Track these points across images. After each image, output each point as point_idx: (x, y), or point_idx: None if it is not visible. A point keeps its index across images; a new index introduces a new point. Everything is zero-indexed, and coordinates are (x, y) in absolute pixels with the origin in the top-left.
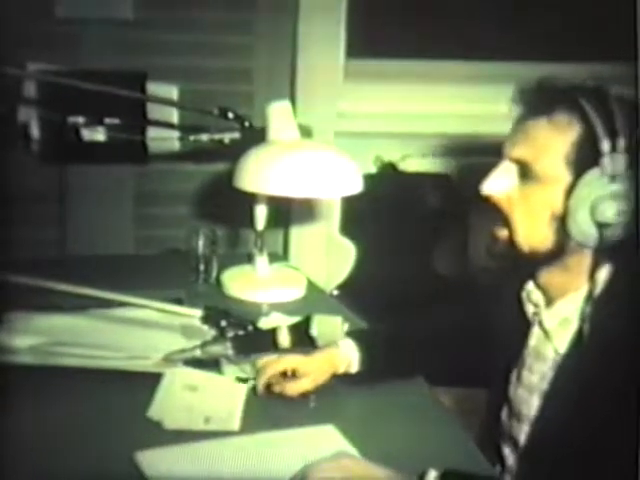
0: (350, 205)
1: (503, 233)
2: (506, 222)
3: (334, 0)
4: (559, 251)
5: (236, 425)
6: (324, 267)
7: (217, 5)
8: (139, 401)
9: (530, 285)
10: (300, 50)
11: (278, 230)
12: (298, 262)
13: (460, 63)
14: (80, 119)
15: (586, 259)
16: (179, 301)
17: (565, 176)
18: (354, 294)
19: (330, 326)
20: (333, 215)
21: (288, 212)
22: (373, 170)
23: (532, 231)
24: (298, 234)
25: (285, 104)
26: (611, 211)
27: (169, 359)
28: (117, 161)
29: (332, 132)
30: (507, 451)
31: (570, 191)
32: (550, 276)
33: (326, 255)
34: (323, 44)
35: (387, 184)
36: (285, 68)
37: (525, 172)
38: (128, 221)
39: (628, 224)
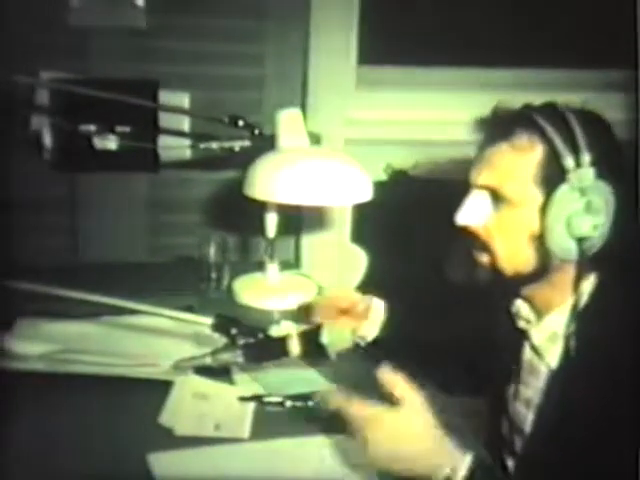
0: (361, 213)
1: (484, 259)
2: (486, 248)
3: (346, 7)
4: (543, 269)
5: (246, 433)
6: (335, 275)
7: (228, 13)
8: (150, 408)
9: (519, 301)
10: (311, 57)
11: (289, 238)
12: (309, 270)
13: (471, 70)
14: (92, 127)
15: (570, 273)
16: (190, 308)
17: (536, 196)
18: None
19: (341, 334)
20: (344, 223)
21: (299, 220)
22: (384, 177)
23: (513, 254)
24: (309, 242)
25: (295, 112)
26: (587, 224)
27: (179, 367)
28: (129, 169)
29: (342, 139)
30: (511, 465)
31: (544, 210)
32: (536, 292)
33: (337, 263)
34: (334, 51)
35: (398, 191)
36: (296, 75)
37: (496, 198)
38: (140, 229)
39: (608, 234)
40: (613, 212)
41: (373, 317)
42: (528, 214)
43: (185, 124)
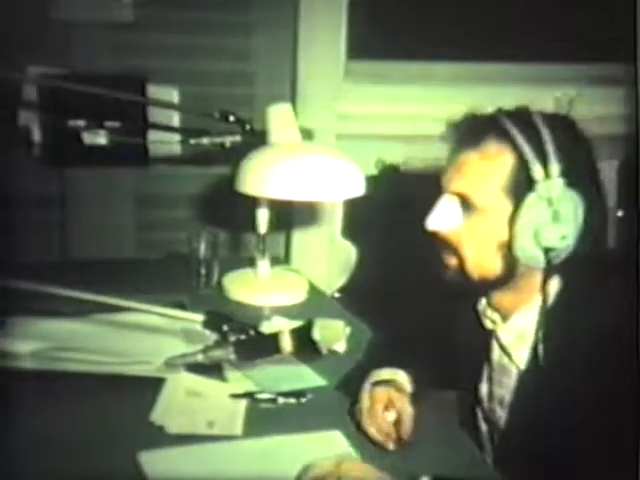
0: (352, 208)
1: (452, 262)
2: (454, 251)
3: (334, 2)
4: (509, 275)
5: (239, 430)
6: (326, 270)
7: (217, 7)
8: (141, 406)
9: (483, 302)
10: (300, 52)
11: (280, 233)
12: (300, 265)
13: (461, 64)
14: (81, 123)
15: (535, 277)
16: (181, 305)
17: (505, 204)
18: (356, 297)
19: (332, 330)
20: (335, 218)
21: (290, 215)
22: (375, 172)
23: (480, 260)
24: (300, 237)
25: (286, 107)
26: (554, 235)
27: (171, 364)
28: (118, 164)
29: (333, 134)
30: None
31: (512, 219)
32: (502, 295)
33: (328, 258)
34: (323, 46)
35: (389, 186)
36: (286, 70)
37: (466, 205)
38: (129, 225)
39: (576, 241)
40: (582, 219)
41: None
42: (496, 222)
43: (175, 119)
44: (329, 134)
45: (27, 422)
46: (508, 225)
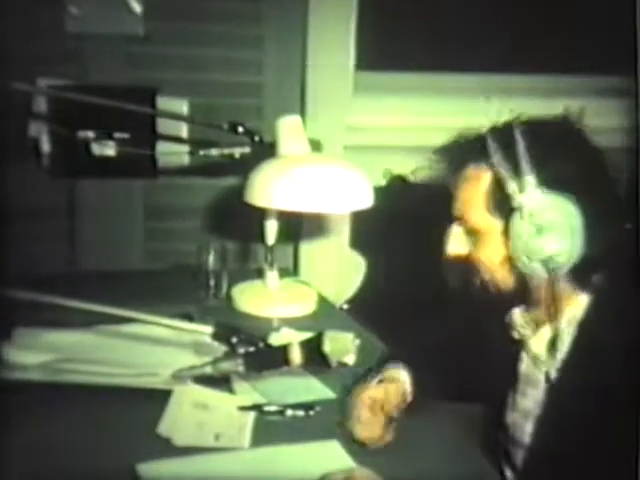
0: (360, 219)
1: (476, 279)
2: (476, 269)
3: (344, 13)
4: (522, 288)
5: (246, 442)
6: (334, 281)
7: (226, 20)
8: (148, 418)
9: (515, 311)
10: (309, 64)
11: (288, 245)
12: (308, 277)
13: (470, 76)
14: (90, 134)
15: (561, 290)
16: (189, 316)
17: (494, 222)
18: (365, 308)
19: (342, 342)
20: (343, 229)
21: (298, 226)
22: (383, 183)
23: (493, 276)
24: (308, 248)
25: (295, 118)
26: (543, 247)
27: (179, 376)
28: (127, 176)
29: (342, 146)
30: (509, 475)
31: (505, 235)
32: (529, 307)
33: (336, 269)
34: (332, 57)
35: (397, 197)
36: (295, 82)
37: (466, 228)
38: (138, 236)
39: (586, 247)
40: (580, 226)
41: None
42: (493, 241)
43: (184, 131)
44: (337, 145)
45: (32, 433)
46: (503, 241)
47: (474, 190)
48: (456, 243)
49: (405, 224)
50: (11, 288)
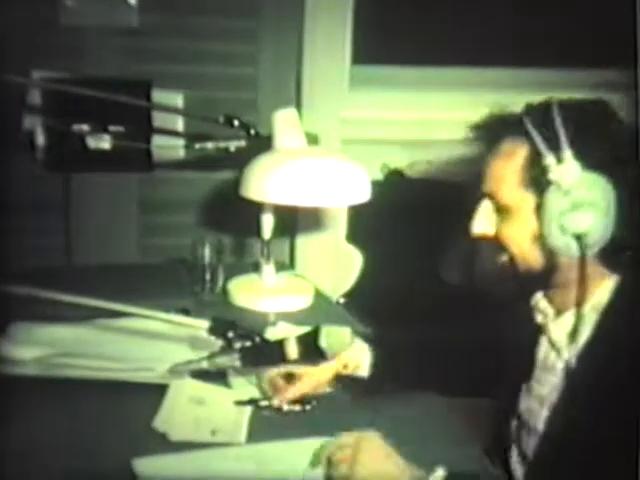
0: (357, 212)
1: (503, 258)
2: (504, 249)
3: (340, 7)
4: (552, 267)
5: (242, 437)
6: (331, 275)
7: (222, 13)
8: (144, 413)
9: (538, 295)
10: (306, 57)
11: (284, 239)
12: (304, 271)
13: (467, 70)
14: (85, 127)
15: (590, 271)
16: (185, 311)
17: (528, 198)
18: (361, 302)
19: (339, 337)
20: (340, 223)
21: (295, 220)
22: (380, 177)
23: (524, 254)
24: (304, 242)
25: (291, 111)
26: (578, 221)
27: (176, 370)
28: (122, 169)
29: (339, 139)
30: (516, 463)
31: (537, 211)
32: (555, 289)
33: (333, 263)
34: (329, 51)
35: (394, 191)
36: (291, 75)
37: (496, 205)
38: (133, 230)
39: (617, 227)
40: (615, 205)
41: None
42: (525, 217)
43: (179, 124)
44: (334, 139)
45: (28, 428)
46: (536, 218)
47: (508, 165)
48: (483, 221)
49: (402, 218)
50: (6, 282)
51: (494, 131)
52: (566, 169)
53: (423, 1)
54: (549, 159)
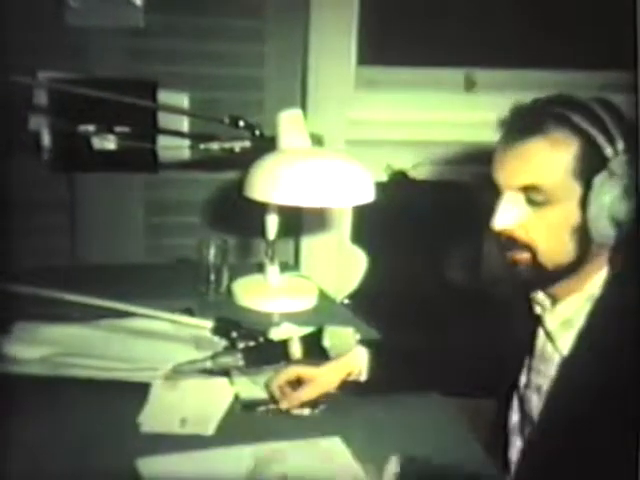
0: (361, 213)
1: (524, 256)
2: (525, 246)
3: (345, 8)
4: (582, 258)
5: (211, 430)
6: (335, 276)
7: (228, 13)
8: None
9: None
10: (311, 58)
11: (289, 239)
12: (309, 271)
13: (471, 70)
14: (91, 128)
15: (595, 262)
16: (189, 311)
17: (576, 189)
18: (365, 303)
19: (342, 337)
20: (344, 224)
21: (299, 221)
22: (384, 178)
23: (555, 249)
24: (309, 243)
25: (296, 112)
26: (624, 209)
27: (179, 370)
28: (127, 170)
29: (343, 140)
30: (515, 454)
31: (584, 201)
32: (563, 280)
33: (337, 264)
34: (334, 52)
35: (398, 192)
36: (296, 76)
37: (534, 197)
38: (138, 230)
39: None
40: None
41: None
42: (568, 208)
43: (184, 124)
44: (339, 140)
45: (32, 427)
46: (580, 208)
47: (559, 154)
48: (507, 215)
49: (406, 219)
50: (11, 282)
51: (534, 120)
52: (621, 159)
53: (429, 2)
54: (608, 150)
